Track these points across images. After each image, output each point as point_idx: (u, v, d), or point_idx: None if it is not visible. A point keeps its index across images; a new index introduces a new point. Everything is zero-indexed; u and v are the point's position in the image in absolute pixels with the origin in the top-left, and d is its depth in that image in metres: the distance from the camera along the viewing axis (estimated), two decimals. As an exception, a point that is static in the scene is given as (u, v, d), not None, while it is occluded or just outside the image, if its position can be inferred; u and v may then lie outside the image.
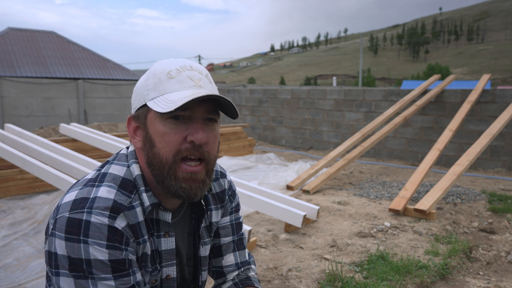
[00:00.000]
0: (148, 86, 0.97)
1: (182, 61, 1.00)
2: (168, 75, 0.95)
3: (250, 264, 1.27)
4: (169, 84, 0.95)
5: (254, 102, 9.58)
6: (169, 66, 0.97)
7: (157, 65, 0.99)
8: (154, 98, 0.95)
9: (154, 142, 0.95)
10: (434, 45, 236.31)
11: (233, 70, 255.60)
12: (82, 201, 0.90)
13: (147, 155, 0.97)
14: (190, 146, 0.93)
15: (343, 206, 4.19)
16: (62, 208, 0.91)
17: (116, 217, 0.91)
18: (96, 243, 0.87)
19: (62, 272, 0.87)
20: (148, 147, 0.96)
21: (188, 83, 0.95)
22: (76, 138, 5.21)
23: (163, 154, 0.94)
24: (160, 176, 0.95)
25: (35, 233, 3.34)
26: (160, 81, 0.95)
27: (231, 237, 1.23)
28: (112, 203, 0.91)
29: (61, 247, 0.87)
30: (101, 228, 0.88)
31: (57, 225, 0.89)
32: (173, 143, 0.93)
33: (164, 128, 0.93)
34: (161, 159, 0.94)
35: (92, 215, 0.88)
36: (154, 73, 0.98)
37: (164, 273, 1.06)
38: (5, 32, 19.49)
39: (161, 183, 0.96)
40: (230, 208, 1.23)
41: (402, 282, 2.47)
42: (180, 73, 0.96)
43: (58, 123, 12.20)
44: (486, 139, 4.74)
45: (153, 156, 0.95)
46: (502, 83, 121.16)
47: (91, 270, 0.87)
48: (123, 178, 0.97)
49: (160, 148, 0.94)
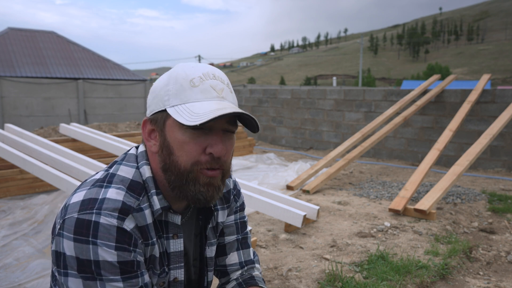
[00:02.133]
0: (169, 91, 0.94)
1: (204, 67, 0.98)
2: (191, 83, 0.93)
3: (254, 263, 1.27)
4: (192, 93, 0.93)
5: (254, 102, 9.58)
6: (192, 73, 0.95)
7: (179, 69, 0.97)
8: (175, 106, 0.93)
9: (173, 150, 0.94)
10: (434, 45, 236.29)
11: (233, 70, 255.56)
12: (91, 202, 0.90)
13: (163, 161, 0.96)
14: (209, 158, 0.93)
15: (343, 206, 4.19)
16: (70, 208, 0.90)
17: (125, 218, 0.90)
18: (105, 244, 0.87)
19: (70, 273, 0.87)
20: (166, 154, 0.95)
21: (211, 93, 0.94)
22: (76, 138, 5.21)
23: (181, 163, 0.93)
24: (177, 182, 0.95)
25: (35, 233, 3.34)
26: (183, 88, 0.93)
27: (235, 236, 1.23)
28: (121, 204, 0.91)
29: (70, 247, 0.86)
30: (110, 229, 0.88)
31: (65, 226, 0.88)
32: (192, 153, 0.93)
33: (184, 137, 0.92)
34: (179, 167, 0.93)
35: (101, 216, 0.88)
36: (176, 78, 0.95)
37: (172, 276, 1.06)
38: (5, 32, 19.49)
39: (177, 188, 0.95)
40: (235, 207, 1.24)
41: (402, 282, 2.47)
42: (203, 82, 0.94)
43: (58, 123, 12.20)
44: (486, 139, 4.74)
45: (170, 163, 0.94)
46: (502, 83, 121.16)
47: (100, 271, 0.87)
48: (131, 180, 0.97)
49: (179, 157, 0.93)
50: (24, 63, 18.20)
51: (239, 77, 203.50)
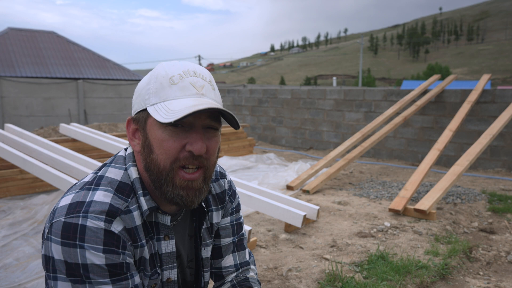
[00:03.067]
0: (149, 90, 0.95)
1: (186, 65, 0.97)
2: (171, 81, 0.93)
3: (250, 264, 1.26)
4: (171, 91, 0.93)
5: (254, 102, 9.58)
6: (172, 71, 0.95)
7: (160, 68, 0.97)
8: (154, 104, 0.93)
9: (153, 148, 0.93)
10: (434, 45, 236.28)
11: (233, 70, 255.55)
12: (77, 205, 0.90)
13: (145, 160, 0.96)
14: (188, 155, 0.92)
15: (343, 206, 4.18)
16: (58, 212, 0.90)
17: (112, 221, 0.90)
18: (93, 247, 0.86)
19: (59, 277, 0.87)
20: (147, 152, 0.95)
21: (190, 90, 0.93)
22: (76, 138, 5.21)
23: (160, 161, 0.93)
24: (157, 182, 0.95)
25: (35, 233, 3.34)
26: (162, 86, 0.94)
27: (231, 238, 1.22)
28: (108, 207, 0.90)
29: (58, 251, 0.86)
30: (97, 232, 0.87)
31: (53, 230, 0.88)
32: (171, 150, 0.92)
33: (163, 135, 0.92)
34: (158, 165, 0.93)
35: (88, 219, 0.87)
36: (156, 76, 0.95)
37: (165, 276, 1.05)
38: (5, 32, 19.48)
39: (158, 189, 0.95)
40: (230, 208, 1.22)
41: (402, 282, 2.47)
42: (182, 79, 0.94)
43: (58, 123, 12.20)
44: (486, 139, 4.74)
45: (151, 162, 0.94)
46: (502, 83, 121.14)
47: (88, 274, 0.86)
48: (120, 182, 0.96)
49: (158, 155, 0.93)
50: (24, 63, 18.20)
51: (239, 77, 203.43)
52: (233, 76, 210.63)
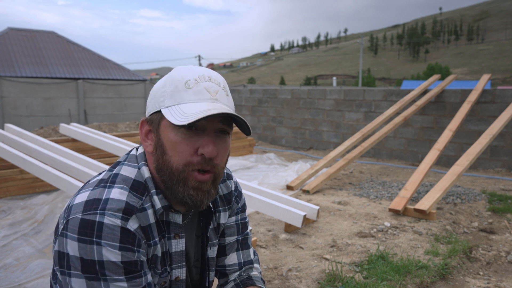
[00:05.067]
0: (164, 93, 0.96)
1: (201, 70, 0.99)
2: (186, 85, 0.95)
3: (253, 263, 1.27)
4: (186, 94, 0.95)
5: (254, 102, 9.58)
6: (188, 75, 0.97)
7: (176, 72, 0.99)
8: (169, 106, 0.95)
9: (166, 150, 0.95)
10: (434, 45, 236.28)
11: (233, 70, 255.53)
12: (94, 202, 0.91)
13: (157, 160, 0.98)
14: (200, 159, 0.94)
15: (343, 206, 4.19)
16: (74, 209, 0.91)
17: (128, 218, 0.91)
18: (109, 244, 0.87)
19: (74, 273, 0.88)
20: (159, 153, 0.97)
21: (204, 95, 0.95)
22: (76, 138, 5.21)
23: (173, 163, 0.95)
24: (169, 183, 0.96)
25: (35, 233, 3.34)
26: (177, 89, 0.95)
27: (235, 237, 1.24)
28: (124, 204, 0.92)
29: (74, 248, 0.87)
30: (114, 229, 0.88)
31: (69, 226, 0.88)
32: (184, 153, 0.94)
33: (176, 137, 0.94)
34: (171, 167, 0.95)
35: (105, 217, 0.88)
36: (172, 79, 0.97)
37: (174, 275, 1.06)
38: (5, 32, 19.47)
39: (169, 189, 0.97)
40: (236, 208, 1.24)
41: (402, 282, 2.47)
42: (197, 84, 0.96)
43: (58, 123, 12.20)
44: (486, 139, 4.74)
45: (163, 163, 0.96)
46: (502, 83, 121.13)
47: (104, 271, 0.87)
48: (134, 180, 0.98)
49: (171, 157, 0.95)
50: (24, 63, 18.19)
51: (239, 77, 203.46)
52: (233, 76, 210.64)
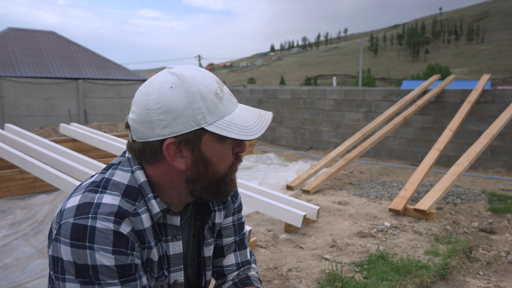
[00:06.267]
0: (200, 110, 0.92)
1: (207, 73, 0.99)
2: (217, 96, 0.95)
3: (251, 263, 1.27)
4: (222, 106, 0.95)
5: (254, 102, 9.58)
6: (209, 84, 0.95)
7: (197, 84, 0.94)
8: (214, 122, 0.93)
9: (211, 161, 0.97)
10: (434, 45, 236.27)
11: (233, 70, 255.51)
12: (86, 206, 0.90)
13: (196, 174, 0.98)
14: (236, 157, 1.03)
15: (343, 206, 4.19)
16: (66, 214, 0.90)
17: (121, 222, 0.90)
18: (102, 249, 0.86)
19: (68, 278, 0.87)
20: (202, 167, 0.97)
21: (232, 101, 0.99)
22: (76, 138, 5.21)
23: (220, 170, 0.99)
24: (210, 188, 1.01)
25: (35, 233, 3.34)
26: (214, 103, 0.94)
27: (233, 238, 1.23)
28: (117, 208, 0.91)
29: (67, 253, 0.86)
30: (106, 233, 0.87)
31: (61, 231, 0.88)
32: (229, 158, 1.00)
33: (223, 148, 0.98)
34: (219, 174, 1.00)
35: (97, 221, 0.88)
36: (200, 94, 0.92)
37: (172, 278, 1.06)
38: (5, 32, 19.47)
39: (207, 192, 1.02)
40: (232, 208, 1.23)
41: (402, 282, 2.47)
42: (222, 91, 0.97)
43: (58, 123, 12.20)
44: (486, 139, 4.74)
45: (207, 174, 0.98)
46: (502, 83, 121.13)
47: (98, 276, 0.87)
48: (127, 186, 0.96)
49: (218, 165, 0.98)
50: (24, 63, 18.19)
51: (239, 77, 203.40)
52: (233, 76, 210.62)
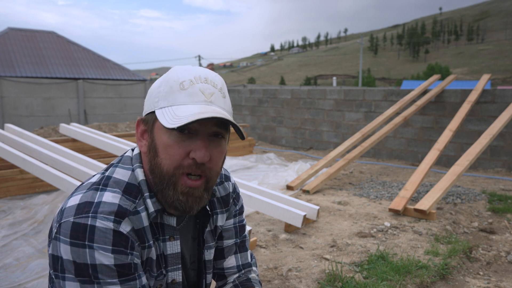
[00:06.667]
0: (159, 93, 0.95)
1: (198, 70, 0.97)
2: (181, 86, 0.93)
3: (252, 266, 1.27)
4: (180, 96, 0.93)
5: (254, 102, 9.58)
6: (184, 76, 0.95)
7: (173, 72, 0.97)
8: (163, 108, 0.93)
9: (158, 152, 0.94)
10: (434, 45, 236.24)
11: (233, 70, 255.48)
12: (86, 206, 0.90)
13: (150, 162, 0.97)
14: (192, 162, 0.92)
15: (343, 206, 4.18)
16: (66, 212, 0.90)
17: (121, 221, 0.90)
18: (102, 248, 0.87)
19: (68, 277, 0.87)
20: (152, 155, 0.96)
21: (198, 97, 0.93)
22: (76, 138, 5.21)
23: (164, 166, 0.93)
24: (159, 185, 0.95)
25: (35, 233, 3.34)
26: (172, 90, 0.94)
27: (234, 240, 1.23)
28: (117, 207, 0.91)
29: (67, 252, 0.86)
30: (106, 232, 0.88)
31: (61, 230, 0.88)
32: (175, 156, 0.92)
33: (169, 140, 0.92)
34: (162, 169, 0.94)
35: (97, 220, 0.88)
36: (167, 80, 0.96)
37: (170, 277, 1.06)
38: (5, 32, 19.47)
39: (160, 192, 0.96)
40: (234, 211, 1.23)
41: (402, 282, 2.47)
42: (192, 85, 0.94)
43: (58, 123, 12.20)
44: (486, 139, 4.74)
45: (155, 165, 0.95)
46: (502, 83, 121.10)
47: (97, 275, 0.87)
48: (127, 183, 0.97)
49: (162, 159, 0.93)
50: (24, 63, 18.19)
51: (239, 77, 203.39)
52: (233, 76, 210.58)
